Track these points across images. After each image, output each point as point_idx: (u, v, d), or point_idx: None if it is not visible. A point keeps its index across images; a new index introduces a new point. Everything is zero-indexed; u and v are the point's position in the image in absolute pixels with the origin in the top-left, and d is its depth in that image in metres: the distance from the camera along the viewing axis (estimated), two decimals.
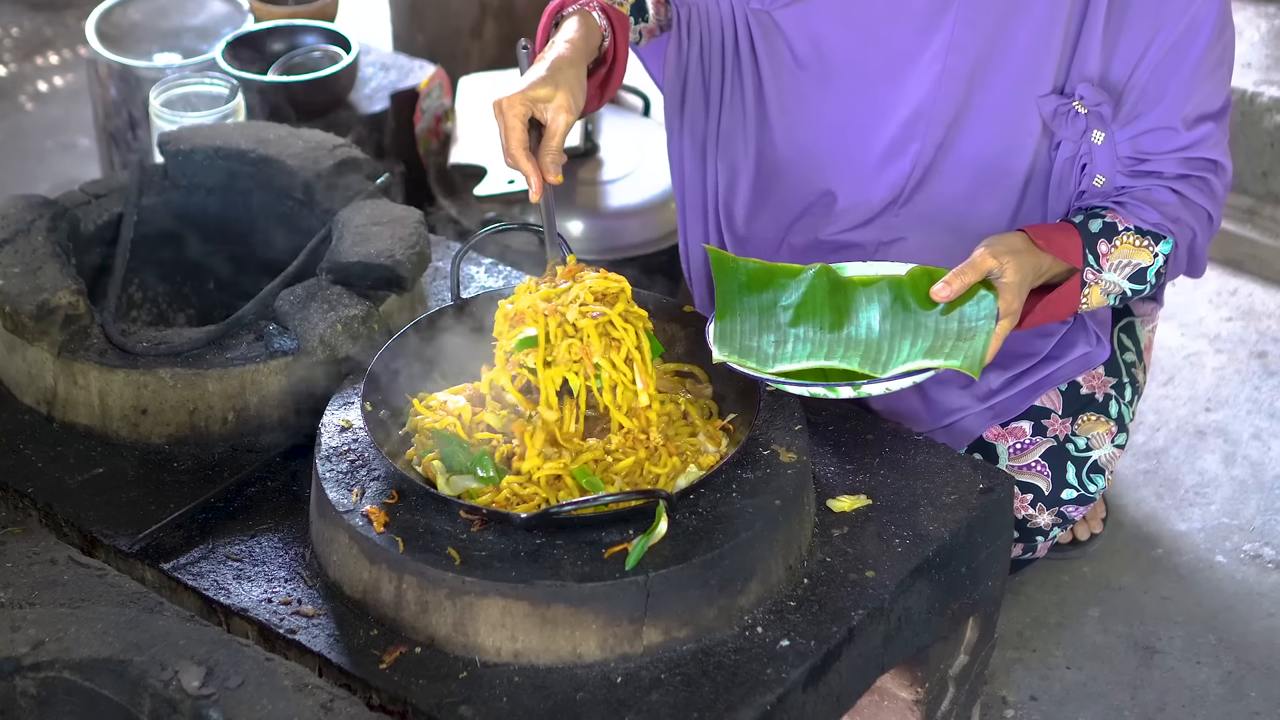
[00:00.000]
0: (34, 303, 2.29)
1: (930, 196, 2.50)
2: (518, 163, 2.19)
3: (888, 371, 2.19)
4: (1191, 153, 2.40)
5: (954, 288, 2.23)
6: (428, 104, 3.53)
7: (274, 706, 1.83)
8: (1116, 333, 2.68)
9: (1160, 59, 2.35)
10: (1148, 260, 2.40)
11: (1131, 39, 2.35)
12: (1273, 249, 3.70)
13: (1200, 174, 2.42)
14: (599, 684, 1.95)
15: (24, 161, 4.17)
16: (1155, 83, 2.36)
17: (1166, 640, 2.80)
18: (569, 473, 2.05)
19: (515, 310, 2.14)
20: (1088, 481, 2.61)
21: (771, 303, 2.31)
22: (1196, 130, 2.39)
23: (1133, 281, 2.41)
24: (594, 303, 2.11)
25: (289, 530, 2.18)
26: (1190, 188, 2.41)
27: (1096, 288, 2.39)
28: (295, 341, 2.30)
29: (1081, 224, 2.38)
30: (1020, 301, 2.26)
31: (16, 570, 2.05)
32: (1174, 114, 2.37)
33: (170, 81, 3.03)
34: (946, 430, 2.60)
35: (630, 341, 2.12)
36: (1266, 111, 3.68)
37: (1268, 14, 3.97)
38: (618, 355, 2.11)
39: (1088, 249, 2.36)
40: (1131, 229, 2.38)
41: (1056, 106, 2.39)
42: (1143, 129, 2.39)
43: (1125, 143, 2.40)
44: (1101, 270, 2.37)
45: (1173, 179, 2.41)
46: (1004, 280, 2.24)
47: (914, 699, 2.33)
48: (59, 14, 4.79)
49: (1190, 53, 2.35)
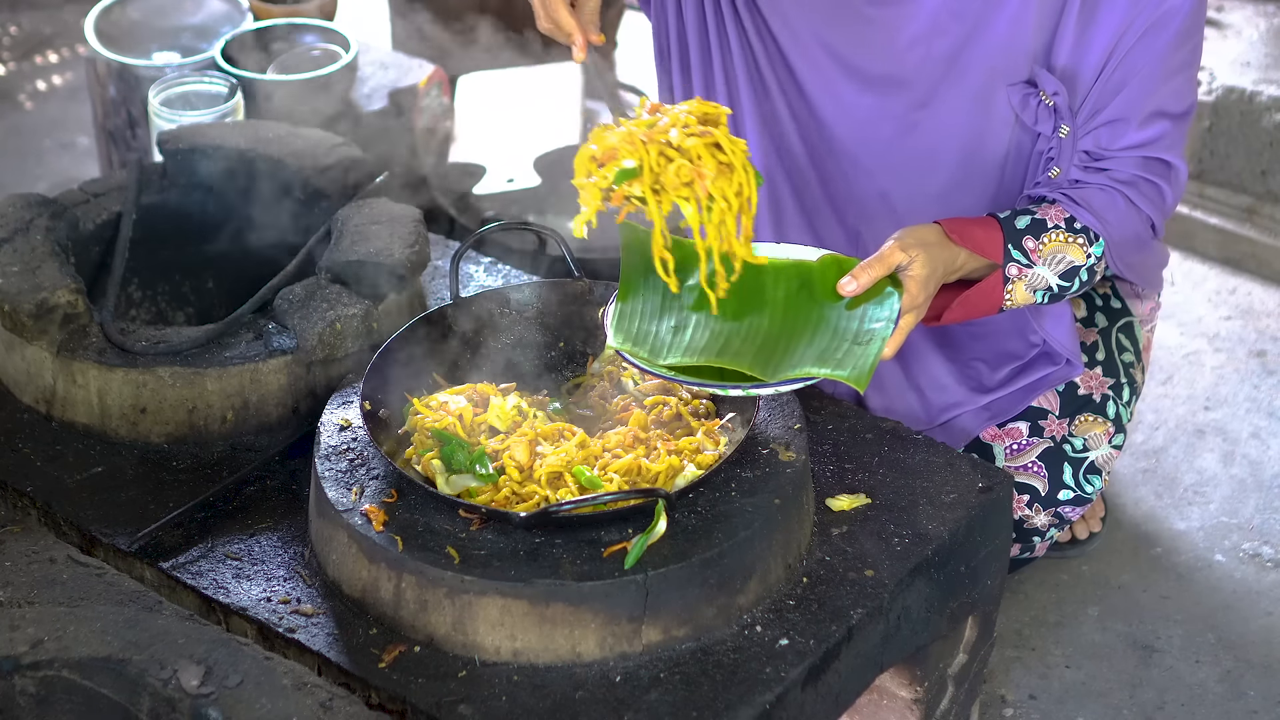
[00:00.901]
0: (33, 301, 2.29)
1: (909, 181, 2.49)
2: (561, 21, 2.16)
3: (776, 377, 2.10)
4: (1145, 151, 2.37)
5: (860, 282, 2.15)
6: (427, 103, 3.53)
7: (273, 705, 1.83)
8: (1114, 333, 2.68)
9: (1128, 50, 2.33)
10: (1080, 258, 2.36)
11: (1102, 31, 2.33)
12: (1271, 248, 3.70)
13: (1152, 178, 2.38)
14: (598, 683, 1.95)
15: (23, 160, 4.18)
16: (1119, 74, 2.34)
17: (1165, 639, 2.80)
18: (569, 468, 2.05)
19: (602, 149, 1.99)
20: (1085, 482, 2.61)
21: (679, 282, 2.18)
22: (1151, 128, 2.36)
23: (1063, 279, 2.36)
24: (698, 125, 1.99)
25: (288, 529, 2.18)
26: (1140, 195, 2.38)
27: (1021, 283, 2.34)
28: (294, 340, 2.30)
29: (1006, 219, 2.33)
30: (926, 295, 2.20)
31: (15, 569, 2.05)
32: (1131, 107, 2.34)
33: (169, 80, 3.03)
34: (944, 429, 2.61)
35: (740, 163, 1.99)
36: (1265, 110, 3.68)
37: (1267, 13, 3.97)
38: (729, 185, 1.99)
39: (1010, 244, 2.32)
40: (1062, 226, 2.34)
41: (1024, 95, 2.38)
42: (1100, 121, 2.36)
43: (1085, 137, 2.38)
44: (1032, 265, 2.33)
45: (1124, 181, 2.38)
46: (910, 273, 2.18)
47: (913, 698, 2.34)
48: (58, 12, 4.79)
49: (1155, 46, 2.32)
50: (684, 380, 2.11)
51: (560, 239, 2.38)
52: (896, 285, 2.18)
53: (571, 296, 2.36)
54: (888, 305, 2.16)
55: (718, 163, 2.00)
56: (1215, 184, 3.80)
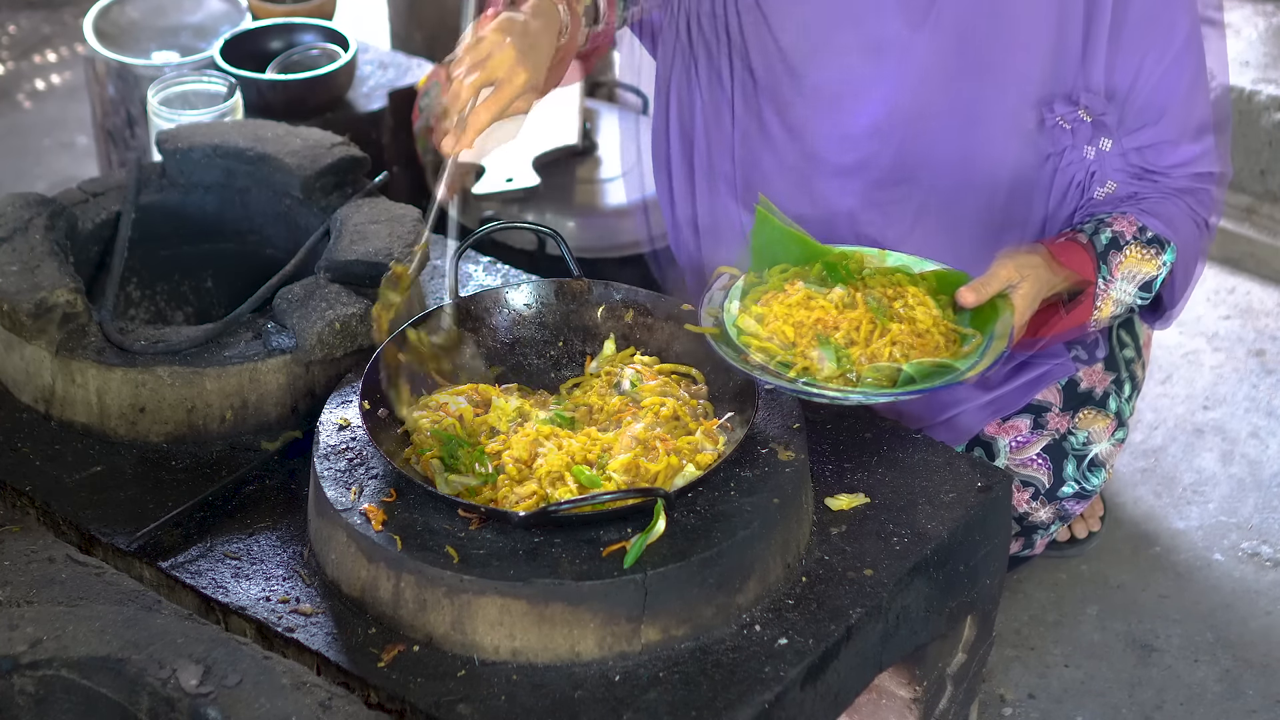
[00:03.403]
0: (32, 301, 2.29)
1: (915, 193, 2.50)
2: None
3: (913, 386, 2.14)
4: (1195, 167, 2.43)
5: (979, 295, 2.24)
6: (425, 102, 3.53)
7: (272, 705, 1.83)
8: (1116, 329, 2.69)
9: (1163, 73, 2.36)
10: (1154, 270, 2.42)
11: (1132, 52, 2.36)
12: (1270, 247, 3.70)
13: (1203, 185, 2.45)
14: (597, 682, 1.95)
15: (22, 159, 4.17)
16: (1157, 96, 2.38)
17: (1164, 638, 2.80)
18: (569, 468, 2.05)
19: None
20: (1088, 476, 2.62)
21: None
22: (1197, 144, 2.42)
23: (1142, 290, 2.43)
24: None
25: (287, 529, 2.18)
26: (1195, 200, 2.44)
27: (1109, 302, 2.41)
28: (293, 340, 2.30)
29: (1092, 237, 2.39)
30: (1029, 314, 2.28)
31: (14, 568, 2.05)
32: (1174, 128, 2.40)
33: (168, 79, 3.02)
34: (946, 425, 2.61)
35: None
36: (1264, 110, 3.68)
37: (1266, 12, 3.97)
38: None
39: (1101, 262, 2.38)
40: (1137, 239, 2.39)
41: (1047, 114, 2.39)
42: (1147, 141, 2.42)
43: (1132, 151, 2.42)
44: (1113, 280, 2.39)
45: (1180, 190, 2.43)
46: (1020, 291, 2.26)
47: (912, 697, 2.34)
48: (57, 12, 4.79)
49: (1188, 66, 2.37)
50: (786, 387, 2.12)
51: (560, 239, 2.38)
52: (1006, 302, 2.24)
53: (571, 296, 2.36)
54: (1004, 320, 2.22)
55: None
56: None
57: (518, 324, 2.36)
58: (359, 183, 2.64)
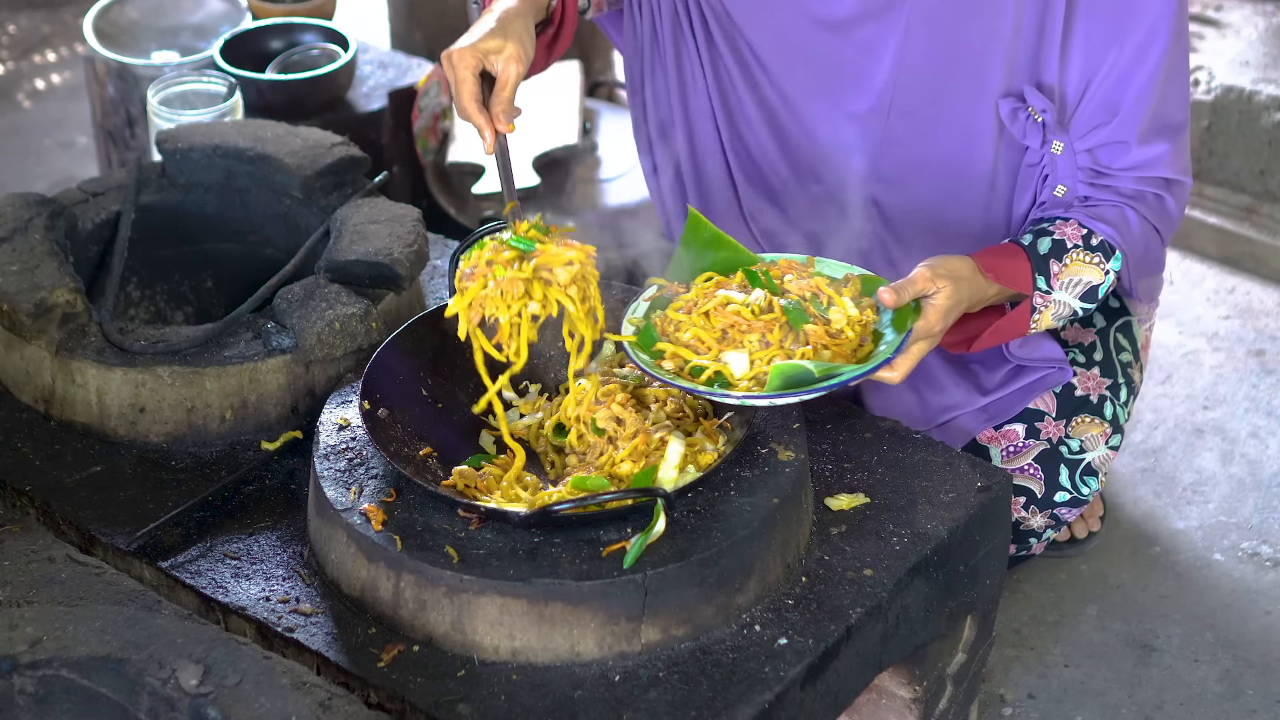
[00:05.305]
0: (31, 301, 2.29)
1: (902, 196, 2.50)
2: (469, 115, 2.17)
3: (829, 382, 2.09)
4: (1147, 171, 2.40)
5: (899, 297, 2.17)
6: (425, 102, 3.53)
7: (272, 704, 1.83)
8: (1113, 333, 2.68)
9: (1120, 70, 2.34)
10: (1098, 278, 2.39)
11: (1090, 47, 2.34)
12: (1270, 247, 3.70)
13: (1155, 191, 2.41)
14: (597, 682, 1.95)
15: (22, 159, 4.17)
16: (1113, 94, 2.36)
17: (1164, 638, 2.80)
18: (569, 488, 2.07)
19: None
20: (1081, 484, 2.60)
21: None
22: (1152, 147, 2.38)
23: (1084, 300, 2.40)
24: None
25: (287, 528, 2.18)
26: (1146, 207, 2.41)
27: (1048, 311, 2.39)
28: (293, 340, 2.30)
29: (1031, 245, 2.36)
30: (944, 326, 2.22)
31: (14, 568, 2.05)
32: (1129, 128, 2.37)
33: (168, 79, 3.02)
34: (941, 430, 2.61)
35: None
36: (1264, 110, 3.68)
37: (1265, 12, 3.97)
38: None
39: (1038, 273, 2.35)
40: (1081, 245, 2.37)
41: (1013, 109, 2.39)
42: (1100, 141, 2.39)
43: (1084, 154, 2.40)
44: (1052, 290, 2.37)
45: (1128, 196, 2.41)
46: (933, 302, 2.20)
47: (912, 697, 2.34)
48: (57, 11, 4.79)
49: (1146, 64, 2.34)
50: (681, 385, 2.10)
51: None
52: (916, 311, 2.19)
53: None
54: (912, 328, 2.17)
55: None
56: (1214, 183, 3.80)
57: None
58: (359, 183, 2.64)
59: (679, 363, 2.14)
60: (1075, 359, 2.62)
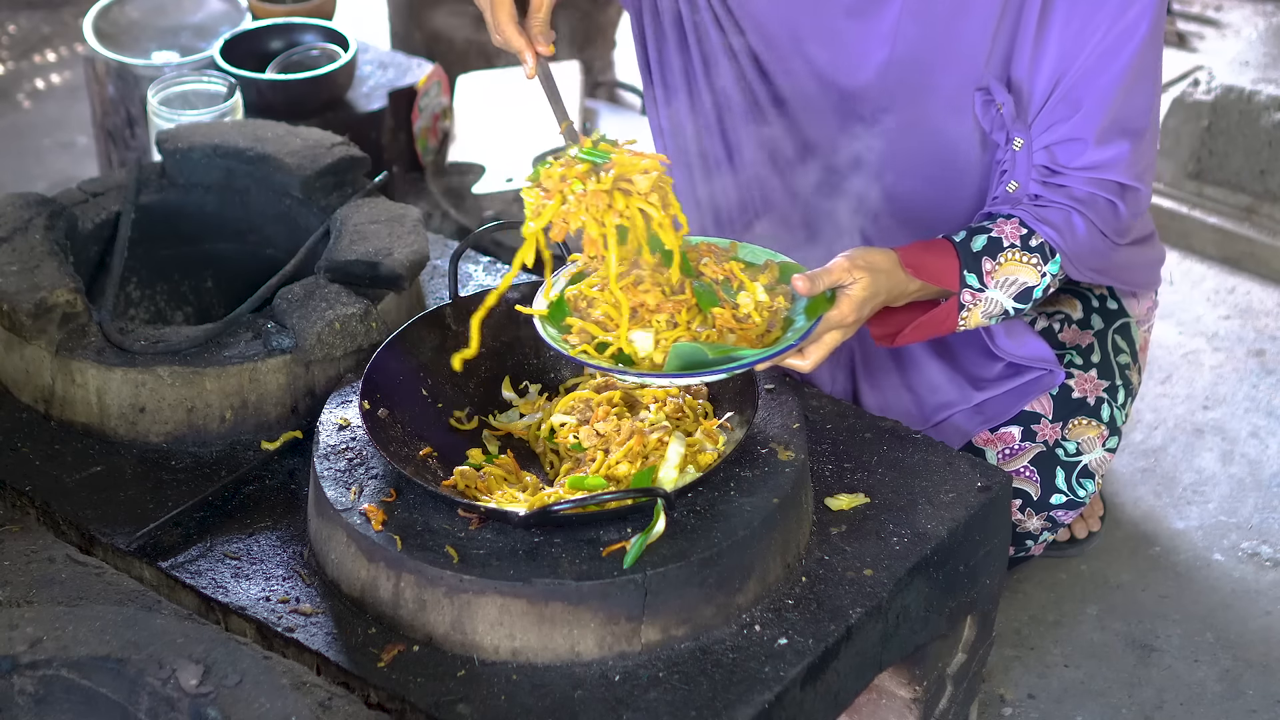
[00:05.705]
0: (31, 301, 2.29)
1: (889, 187, 2.49)
2: (508, 37, 2.16)
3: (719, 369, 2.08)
4: (1102, 173, 2.36)
5: (813, 285, 2.14)
6: (426, 102, 3.53)
7: (272, 704, 1.83)
8: (1111, 335, 2.67)
9: (1087, 67, 2.32)
10: (1034, 279, 2.35)
11: (1055, 47, 2.32)
12: (1270, 247, 3.70)
13: (1107, 196, 2.37)
14: (597, 682, 1.96)
15: (22, 159, 4.17)
16: (1076, 90, 2.33)
17: (1164, 638, 2.80)
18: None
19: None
20: (1077, 486, 2.60)
21: None
22: (1109, 148, 2.35)
23: (1017, 300, 2.36)
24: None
25: (287, 528, 2.18)
26: (1095, 212, 2.37)
27: (977, 310, 2.34)
28: (293, 340, 2.31)
29: (963, 243, 2.33)
30: (858, 318, 2.19)
31: (14, 568, 2.05)
32: (1088, 126, 2.33)
33: (168, 79, 3.02)
34: (937, 430, 2.61)
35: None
36: (1264, 110, 3.68)
37: (1265, 12, 3.97)
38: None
39: (967, 269, 2.31)
40: (1018, 245, 2.33)
41: (985, 102, 2.38)
42: (1058, 137, 2.35)
43: (1041, 151, 2.37)
44: (985, 289, 2.33)
45: (1080, 200, 2.37)
46: (848, 293, 2.17)
47: (912, 697, 2.34)
48: (57, 11, 4.79)
49: (1112, 67, 2.31)
50: (584, 361, 2.09)
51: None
52: (830, 301, 2.16)
53: None
54: (823, 318, 2.14)
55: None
56: (1214, 183, 3.80)
57: (516, 323, 2.35)
58: (359, 183, 2.64)
59: (585, 338, 2.12)
60: (1073, 361, 2.61)
